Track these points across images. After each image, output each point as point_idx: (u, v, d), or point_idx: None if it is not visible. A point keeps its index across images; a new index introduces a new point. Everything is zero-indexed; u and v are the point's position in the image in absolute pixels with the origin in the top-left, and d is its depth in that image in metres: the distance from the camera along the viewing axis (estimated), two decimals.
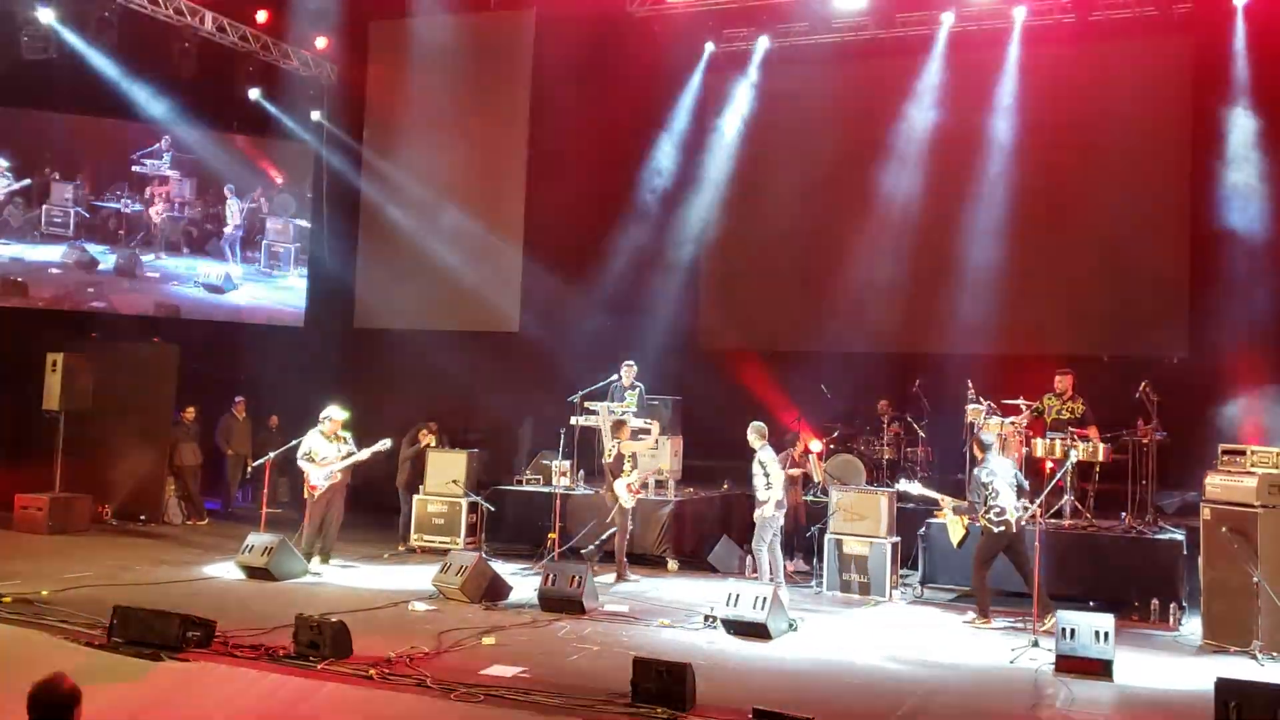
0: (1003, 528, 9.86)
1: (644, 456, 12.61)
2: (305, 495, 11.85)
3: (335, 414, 11.98)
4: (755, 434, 11.34)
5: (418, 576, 11.26)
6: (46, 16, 15.12)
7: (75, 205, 16.97)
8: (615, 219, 16.97)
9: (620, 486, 11.75)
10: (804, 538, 12.25)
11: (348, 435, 12.04)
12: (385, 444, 12.16)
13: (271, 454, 12.17)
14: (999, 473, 10.06)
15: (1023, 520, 9.93)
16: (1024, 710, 7.30)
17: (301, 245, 18.37)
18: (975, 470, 10.31)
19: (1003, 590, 10.97)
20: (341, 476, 11.89)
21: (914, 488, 10.87)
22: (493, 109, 17.40)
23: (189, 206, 17.79)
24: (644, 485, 12.05)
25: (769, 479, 10.99)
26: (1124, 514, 11.48)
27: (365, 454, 11.97)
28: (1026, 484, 10.33)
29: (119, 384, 14.85)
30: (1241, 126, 13.96)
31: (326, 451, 11.79)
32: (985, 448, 10.28)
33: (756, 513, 11.14)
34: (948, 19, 15.63)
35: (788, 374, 16.07)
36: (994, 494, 9.91)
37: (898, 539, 11.46)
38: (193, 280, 17.73)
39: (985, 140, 15.36)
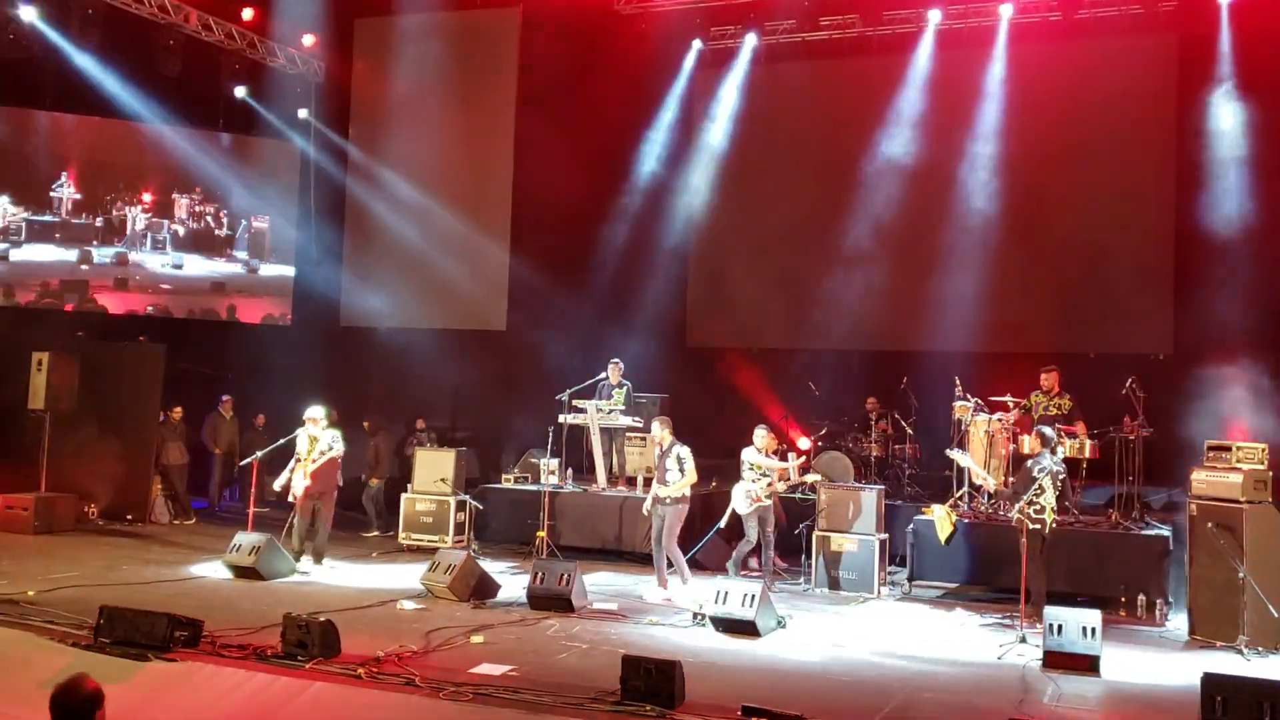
0: (1038, 526, 9.74)
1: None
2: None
3: (308, 412, 11.92)
4: (663, 427, 11.06)
5: (406, 575, 11.24)
6: (29, 15, 15.05)
7: (60, 204, 16.90)
8: (602, 216, 16.97)
9: (738, 491, 11.16)
10: (792, 535, 12.25)
11: (319, 433, 11.82)
12: (338, 451, 11.84)
13: (258, 453, 12.11)
14: (1051, 471, 9.90)
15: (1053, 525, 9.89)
16: (1011, 706, 7.31)
17: (287, 243, 18.31)
18: (1028, 462, 10.13)
19: (993, 586, 11.05)
20: (313, 480, 11.65)
21: (963, 459, 10.76)
22: (479, 106, 17.37)
23: (176, 206, 17.73)
24: (772, 494, 11.12)
25: (683, 474, 10.77)
26: (1111, 510, 11.53)
27: (322, 460, 11.66)
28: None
29: (105, 383, 14.78)
30: (1225, 123, 14.03)
31: (302, 451, 11.74)
32: (1047, 442, 10.16)
33: (665, 510, 10.82)
34: (934, 17, 15.68)
35: (775, 371, 16.11)
36: (1040, 491, 9.81)
37: (885, 536, 11.48)
38: (176, 278, 17.69)
39: (972, 138, 15.41)
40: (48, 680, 4.41)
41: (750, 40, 16.89)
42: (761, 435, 11.29)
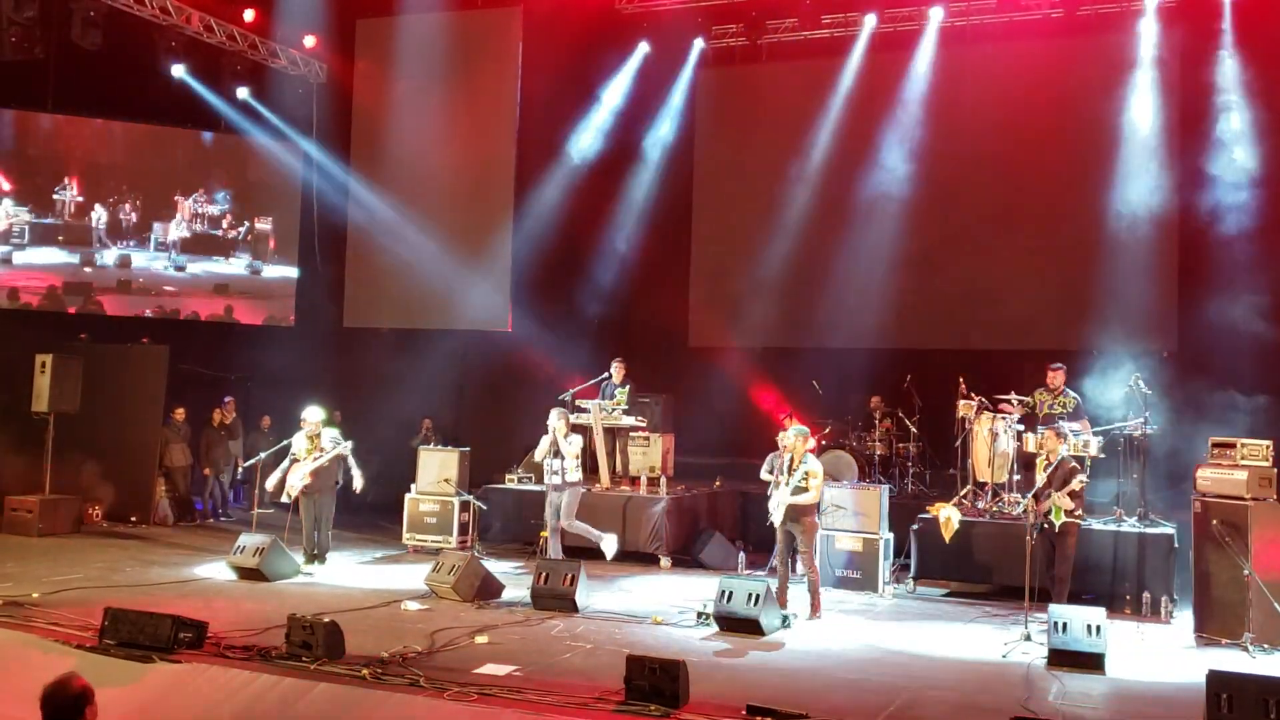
0: (1083, 522, 9.73)
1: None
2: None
3: (307, 414, 11.93)
4: (560, 419, 11.60)
5: (410, 576, 11.24)
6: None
7: (63, 206, 16.92)
8: (605, 216, 16.97)
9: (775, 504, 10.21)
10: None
11: (321, 434, 11.86)
12: (347, 447, 11.92)
13: (262, 454, 12.09)
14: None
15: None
16: (1016, 704, 7.29)
17: (290, 245, 18.30)
18: (1068, 462, 9.96)
19: (998, 584, 11.02)
20: (313, 478, 11.67)
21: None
22: (481, 106, 17.35)
23: (179, 208, 17.73)
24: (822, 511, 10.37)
25: (576, 461, 11.46)
26: (1115, 507, 11.50)
27: (324, 459, 11.71)
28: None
29: (108, 385, 14.79)
30: (1229, 120, 14.00)
31: (300, 452, 11.74)
32: (1065, 439, 10.06)
33: (561, 495, 11.49)
34: (936, 14, 15.68)
35: (779, 370, 16.10)
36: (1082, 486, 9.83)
37: (890, 535, 11.46)
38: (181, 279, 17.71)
39: (975, 136, 15.40)
40: None
41: (752, 39, 16.90)
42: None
